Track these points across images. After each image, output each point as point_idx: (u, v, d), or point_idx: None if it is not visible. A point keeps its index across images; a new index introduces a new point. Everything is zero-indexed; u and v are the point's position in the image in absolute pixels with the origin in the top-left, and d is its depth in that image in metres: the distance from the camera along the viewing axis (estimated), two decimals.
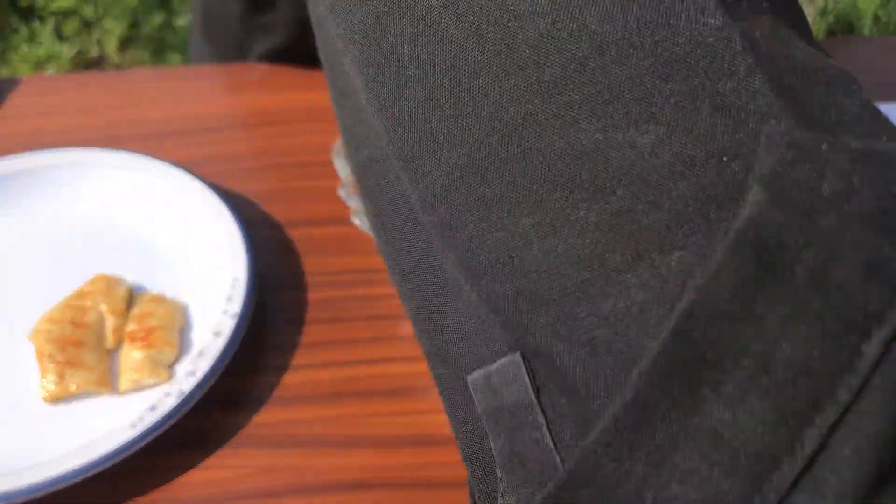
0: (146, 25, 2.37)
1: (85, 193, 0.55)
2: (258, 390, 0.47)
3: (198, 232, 0.53)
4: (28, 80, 0.67)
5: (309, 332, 0.50)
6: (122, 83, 0.67)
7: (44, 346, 0.46)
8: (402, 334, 0.50)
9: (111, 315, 0.48)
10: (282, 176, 0.59)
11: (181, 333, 0.48)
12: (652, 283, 0.17)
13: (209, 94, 0.66)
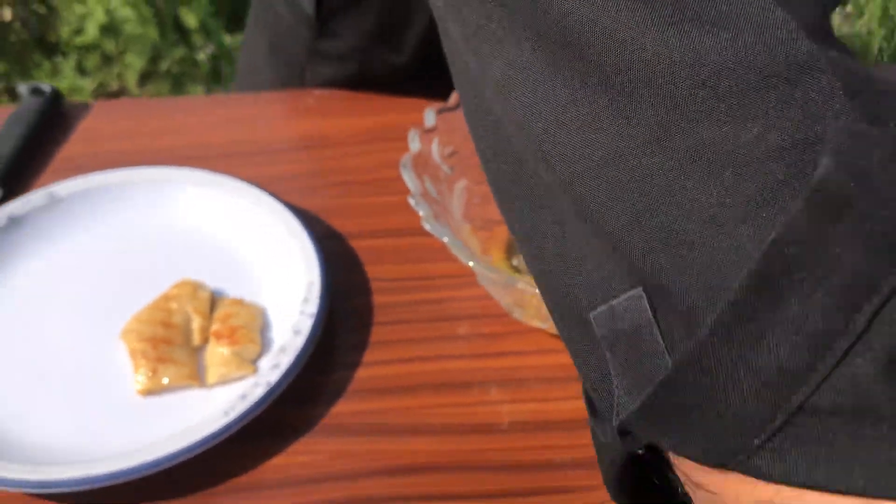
0: (166, 60, 2.44)
1: (167, 207, 0.60)
2: (332, 384, 0.51)
3: (271, 242, 0.57)
4: (99, 105, 0.72)
5: (375, 332, 0.54)
6: (185, 109, 0.72)
7: (136, 345, 0.51)
8: (460, 333, 0.54)
9: (197, 316, 0.53)
10: (341, 193, 0.64)
11: (261, 333, 0.53)
12: (752, 232, 0.22)
13: (269, 119, 0.71)
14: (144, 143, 0.68)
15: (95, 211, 0.60)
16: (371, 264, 0.58)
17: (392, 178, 0.65)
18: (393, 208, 0.62)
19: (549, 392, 0.51)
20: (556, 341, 0.54)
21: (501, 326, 0.55)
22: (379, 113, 0.71)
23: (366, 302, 0.56)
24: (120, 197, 0.60)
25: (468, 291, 0.57)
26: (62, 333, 0.53)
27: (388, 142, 0.68)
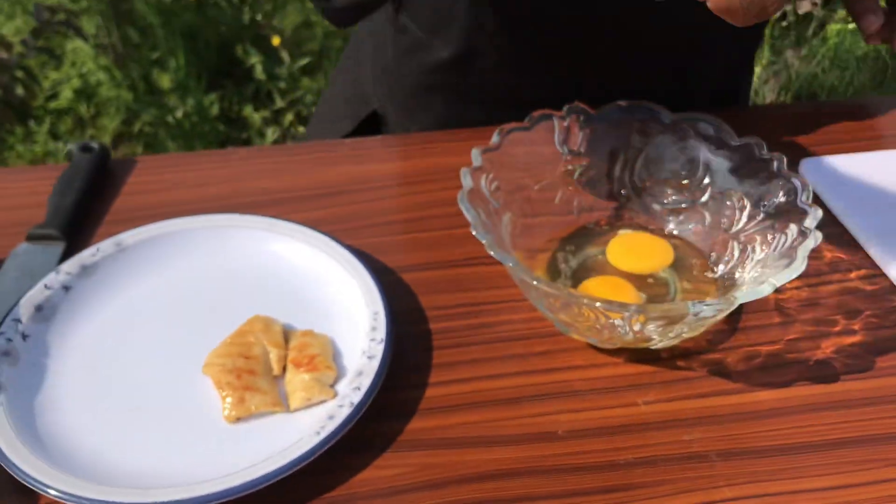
0: (140, 121, 2.47)
1: (228, 251, 0.64)
2: (404, 404, 0.55)
3: (331, 278, 0.62)
4: (143, 160, 0.76)
5: (436, 356, 0.59)
6: (225, 161, 0.77)
7: (221, 377, 0.55)
8: (515, 353, 0.59)
9: (273, 348, 0.57)
10: (386, 231, 0.69)
11: (333, 359, 0.57)
12: None
13: (307, 167, 0.75)
14: (192, 194, 0.72)
15: (161, 257, 0.64)
16: (424, 294, 0.63)
17: (433, 216, 0.70)
18: (438, 243, 0.67)
19: (601, 401, 0.56)
20: (604, 356, 0.58)
21: (552, 345, 0.59)
22: (408, 158, 0.77)
23: (424, 329, 0.60)
24: (183, 243, 0.64)
25: (517, 315, 0.61)
26: (147, 370, 0.57)
27: (422, 184, 0.74)
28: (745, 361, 0.58)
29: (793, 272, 0.51)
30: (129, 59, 2.57)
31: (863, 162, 0.75)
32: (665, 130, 0.65)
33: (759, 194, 0.61)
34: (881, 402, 0.56)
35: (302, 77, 2.52)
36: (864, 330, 0.60)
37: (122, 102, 2.53)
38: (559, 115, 0.64)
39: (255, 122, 2.44)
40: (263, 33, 2.66)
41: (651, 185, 0.66)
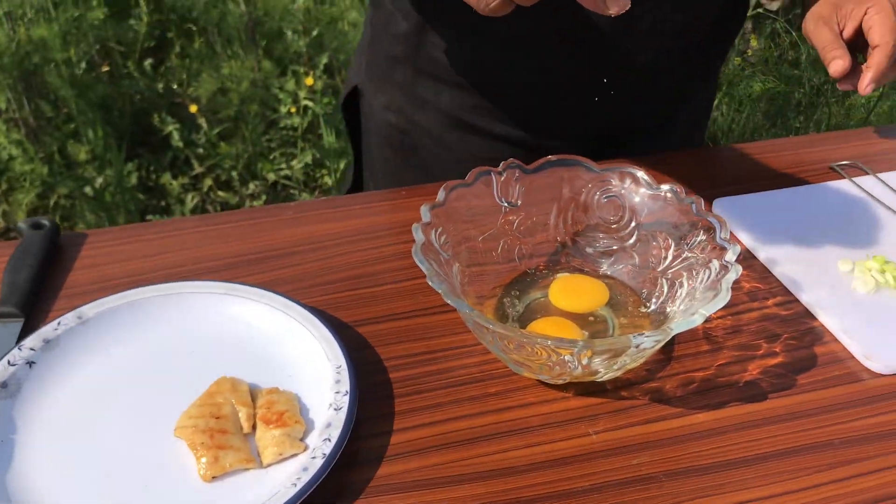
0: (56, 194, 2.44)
1: (189, 316, 0.66)
2: (373, 451, 0.58)
3: (292, 336, 0.64)
4: (93, 234, 0.77)
5: (399, 403, 0.62)
6: (174, 229, 0.79)
7: (194, 437, 0.56)
8: (470, 395, 0.63)
9: (242, 406, 0.59)
10: (339, 288, 0.72)
11: (300, 414, 0.59)
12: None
13: (256, 232, 0.78)
14: (145, 264, 0.74)
15: (123, 327, 0.65)
16: (382, 346, 0.66)
17: (382, 271, 0.74)
18: (390, 296, 0.71)
19: (555, 434, 0.60)
20: (554, 391, 0.63)
21: (505, 385, 0.63)
22: (352, 217, 0.80)
23: (385, 378, 0.64)
24: (144, 312, 0.66)
25: (471, 359, 0.65)
26: (118, 437, 0.58)
27: (368, 241, 0.77)
28: (682, 387, 0.63)
29: (719, 302, 0.57)
30: (43, 133, 2.54)
31: (767, 199, 0.83)
32: (592, 180, 0.71)
33: (682, 234, 0.67)
34: (804, 416, 0.61)
35: (220, 142, 2.54)
36: (784, 351, 0.67)
37: (37, 176, 2.49)
38: (497, 171, 0.69)
39: (174, 189, 2.43)
40: (179, 101, 2.67)
41: (583, 231, 0.72)
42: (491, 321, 0.56)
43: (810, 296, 0.71)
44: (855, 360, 0.66)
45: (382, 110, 0.97)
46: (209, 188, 2.47)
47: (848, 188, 0.85)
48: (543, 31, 0.80)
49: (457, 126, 0.92)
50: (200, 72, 2.70)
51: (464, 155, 0.93)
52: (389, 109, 0.96)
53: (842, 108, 2.49)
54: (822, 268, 0.74)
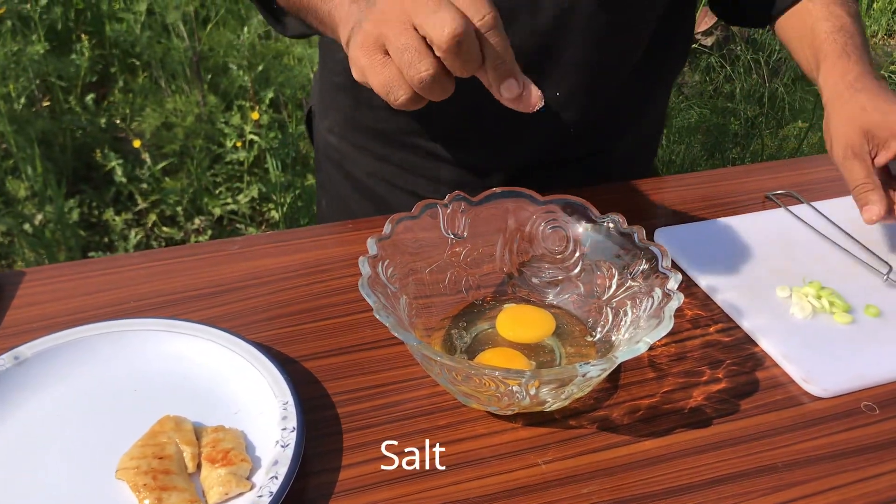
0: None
1: (131, 355, 0.65)
2: (321, 488, 0.57)
3: (236, 372, 0.63)
4: (31, 272, 0.76)
5: (347, 438, 0.61)
6: (115, 266, 0.77)
7: (137, 479, 0.55)
8: (419, 428, 0.62)
9: (186, 446, 0.58)
10: (285, 323, 0.71)
11: (246, 452, 0.58)
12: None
13: (200, 268, 0.77)
14: (85, 302, 0.72)
15: (62, 367, 0.64)
16: (329, 381, 0.66)
17: (329, 305, 0.73)
18: (337, 330, 0.70)
19: (505, 465, 0.60)
20: (503, 422, 0.63)
21: (454, 417, 0.63)
22: (298, 252, 0.80)
23: (332, 413, 0.63)
24: (83, 351, 0.65)
25: (419, 391, 0.65)
26: (58, 480, 0.56)
27: (313, 275, 0.77)
28: (628, 415, 0.64)
29: (662, 330, 0.58)
30: None
31: (707, 228, 0.85)
32: (537, 211, 0.72)
33: (625, 263, 0.68)
34: (748, 440, 0.62)
35: (164, 178, 2.51)
36: (727, 377, 0.68)
37: None
38: (443, 203, 0.69)
39: (117, 225, 2.39)
40: (122, 136, 2.64)
41: (529, 262, 0.73)
42: (439, 353, 0.56)
43: (751, 322, 0.73)
44: (795, 384, 0.67)
45: (327, 133, 0.99)
46: (153, 224, 2.43)
47: (783, 217, 0.88)
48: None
49: (393, 155, 0.94)
50: (144, 107, 2.67)
51: (397, 185, 0.96)
52: (332, 133, 0.98)
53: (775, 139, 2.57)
54: (761, 294, 0.76)
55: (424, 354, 0.57)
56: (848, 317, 0.73)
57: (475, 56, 0.51)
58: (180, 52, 2.70)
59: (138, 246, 2.35)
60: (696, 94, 2.77)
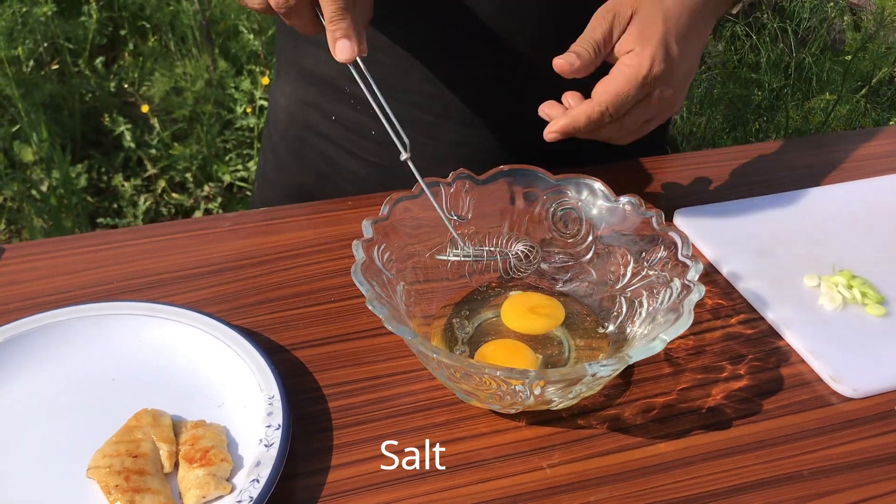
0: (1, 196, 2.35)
1: (111, 341, 0.61)
2: (308, 490, 0.53)
3: (221, 362, 0.59)
4: (11, 248, 0.71)
5: (338, 436, 0.57)
6: (103, 243, 0.73)
7: (108, 479, 0.51)
8: (416, 426, 0.58)
9: (163, 443, 0.54)
10: (276, 308, 0.67)
11: (228, 450, 0.54)
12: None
13: (189, 246, 0.73)
14: (66, 282, 0.68)
15: (36, 353, 0.60)
16: (321, 372, 0.61)
17: (324, 289, 0.69)
18: (331, 316, 0.66)
19: (507, 468, 0.55)
20: (506, 421, 0.58)
21: (453, 413, 0.59)
22: (293, 230, 0.75)
23: (323, 408, 0.59)
24: (59, 337, 0.60)
25: (417, 385, 0.61)
26: (25, 477, 0.52)
27: (309, 255, 0.72)
28: (642, 415, 0.59)
29: (681, 327, 0.53)
30: None
31: (731, 209, 0.79)
32: (547, 191, 0.67)
33: (641, 249, 0.63)
34: (771, 445, 0.58)
35: (173, 143, 2.46)
36: (749, 374, 0.63)
37: None
38: (446, 182, 0.64)
39: (126, 191, 2.35)
40: (131, 101, 2.59)
41: None
42: (436, 349, 0.51)
43: (775, 313, 0.67)
44: (822, 383, 0.62)
45: (281, 95, 0.92)
46: (163, 190, 2.39)
47: (815, 197, 0.82)
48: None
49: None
50: (154, 70, 2.62)
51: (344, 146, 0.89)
52: (283, 94, 0.91)
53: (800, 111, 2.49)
54: (788, 283, 0.70)
55: (421, 350, 0.52)
56: (881, 309, 0.67)
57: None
58: (190, 15, 2.64)
59: (147, 212, 2.31)
60: (720, 63, 2.68)
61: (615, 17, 0.64)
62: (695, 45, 0.66)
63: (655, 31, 0.63)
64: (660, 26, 0.63)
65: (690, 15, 0.65)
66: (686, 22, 0.65)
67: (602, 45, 0.64)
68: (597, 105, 0.62)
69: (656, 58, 0.62)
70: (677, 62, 0.64)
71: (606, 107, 0.62)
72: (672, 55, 0.63)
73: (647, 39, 0.63)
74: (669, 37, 0.63)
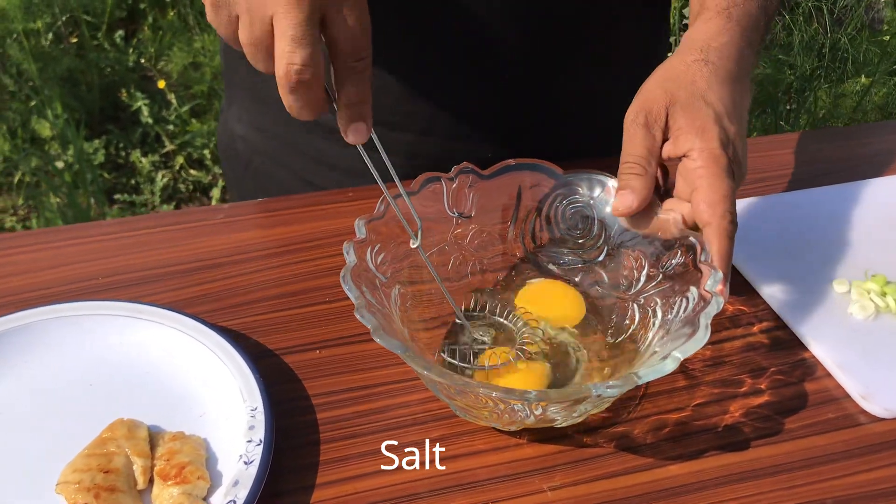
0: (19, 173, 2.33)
1: (87, 344, 0.58)
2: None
3: (204, 368, 0.56)
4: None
5: (325, 450, 0.53)
6: (90, 235, 0.70)
7: (77, 497, 0.48)
8: (409, 440, 0.54)
9: (137, 458, 0.50)
10: (266, 308, 0.63)
11: (207, 465, 0.51)
12: None
13: (178, 240, 0.69)
14: (47, 277, 0.65)
15: (7, 356, 0.56)
16: (310, 379, 0.58)
17: (317, 288, 0.65)
18: (324, 318, 0.62)
19: (505, 490, 0.52)
20: (506, 437, 0.54)
21: (450, 428, 0.55)
22: (289, 223, 0.71)
23: (310, 419, 0.55)
24: (33, 339, 0.57)
25: (412, 396, 0.57)
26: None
27: (304, 252, 0.69)
28: (653, 433, 0.55)
29: (696, 344, 0.48)
30: (5, 108, 2.43)
31: (755, 206, 0.74)
32: (557, 187, 0.62)
33: (657, 252, 0.59)
34: (792, 469, 0.53)
35: (191, 119, 2.43)
36: (771, 389, 0.58)
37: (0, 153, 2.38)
38: (448, 177, 0.60)
39: (144, 167, 2.33)
40: (150, 75, 2.57)
41: (546, 246, 0.63)
42: (426, 365, 0.47)
43: (801, 321, 0.63)
44: (850, 401, 0.58)
45: (237, 123, 0.86)
46: (180, 167, 2.37)
47: (847, 194, 0.76)
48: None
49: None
50: (172, 44, 2.59)
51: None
52: (240, 121, 0.85)
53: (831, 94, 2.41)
54: (815, 288, 0.66)
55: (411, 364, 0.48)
56: None
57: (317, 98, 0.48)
58: None
59: (165, 189, 2.29)
60: None
61: (647, 118, 0.58)
62: (743, 113, 0.60)
63: (706, 116, 0.57)
64: (706, 110, 0.57)
65: (730, 85, 0.59)
66: (729, 95, 0.58)
67: (648, 155, 0.57)
68: (721, 220, 0.54)
69: (724, 142, 0.56)
70: (737, 139, 0.57)
71: (730, 214, 0.55)
72: (731, 134, 0.57)
73: (704, 130, 0.56)
74: (722, 118, 0.57)
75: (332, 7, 0.46)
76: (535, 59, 0.74)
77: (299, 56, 0.45)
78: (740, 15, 0.62)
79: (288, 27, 0.44)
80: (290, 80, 0.46)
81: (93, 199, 2.21)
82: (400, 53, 0.72)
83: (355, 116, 0.49)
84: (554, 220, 0.63)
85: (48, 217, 2.13)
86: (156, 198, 2.27)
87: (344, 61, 0.47)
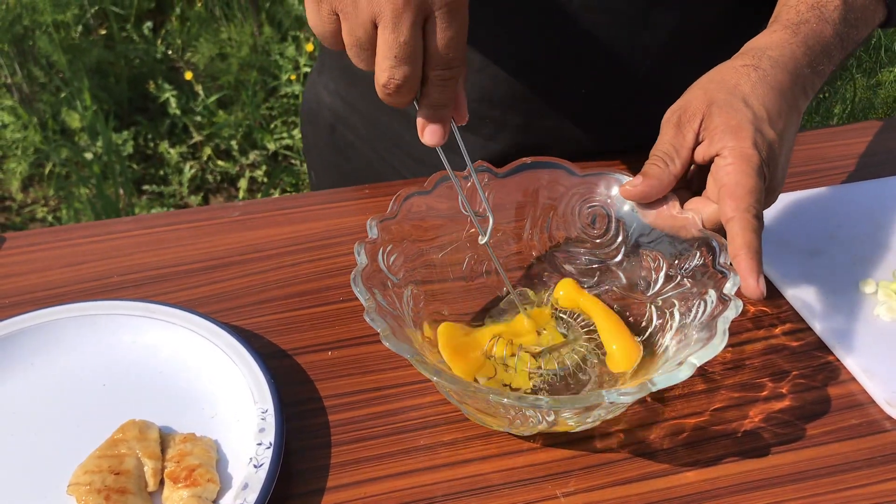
0: (49, 164, 2.36)
1: (101, 344, 0.58)
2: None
3: (216, 369, 0.55)
4: (13, 237, 0.69)
5: (336, 453, 0.53)
6: (106, 233, 0.70)
7: (87, 498, 0.48)
8: (421, 444, 0.53)
9: (148, 459, 0.50)
10: (279, 307, 0.63)
11: (218, 468, 0.50)
12: None
13: (193, 237, 0.69)
14: (63, 275, 0.65)
15: (21, 356, 0.57)
16: (322, 381, 0.57)
17: (332, 287, 0.64)
18: (338, 318, 0.62)
19: (518, 496, 0.51)
20: (520, 441, 0.54)
21: (462, 431, 0.54)
22: (305, 221, 0.71)
23: (322, 422, 0.55)
24: (46, 338, 0.57)
25: (424, 398, 0.56)
26: (4, 491, 0.49)
27: (320, 249, 0.68)
28: (669, 438, 0.54)
29: (713, 349, 0.47)
30: (36, 99, 2.45)
31: (780, 203, 0.72)
32: (574, 186, 0.61)
33: (676, 253, 0.57)
34: (815, 476, 0.52)
35: (218, 110, 2.44)
36: (793, 393, 0.57)
37: (31, 144, 2.41)
38: (462, 176, 0.59)
39: (173, 158, 2.34)
40: (178, 66, 2.58)
41: (562, 246, 0.62)
42: (434, 369, 0.46)
43: (825, 324, 0.61)
44: (875, 407, 0.56)
45: (325, 91, 0.87)
46: (208, 157, 2.38)
47: (876, 191, 0.74)
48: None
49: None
50: (199, 35, 2.59)
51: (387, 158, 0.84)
52: (328, 90, 0.86)
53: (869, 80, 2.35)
54: (841, 289, 0.64)
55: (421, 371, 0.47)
56: None
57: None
58: None
59: (192, 180, 2.30)
60: None
61: (681, 117, 0.57)
62: (790, 127, 0.57)
63: (742, 117, 0.55)
64: (745, 111, 0.55)
65: (778, 94, 0.57)
66: (774, 102, 0.56)
67: (672, 151, 0.56)
68: (745, 213, 0.52)
69: (758, 143, 0.54)
70: (777, 147, 0.55)
71: (754, 209, 0.53)
72: (769, 138, 0.55)
73: (739, 130, 0.54)
74: (761, 122, 0.55)
75: (435, 13, 0.46)
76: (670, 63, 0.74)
77: (401, 73, 0.46)
78: (808, 33, 0.60)
79: (393, 44, 0.45)
80: (388, 90, 0.47)
81: (121, 190, 2.23)
82: (519, 52, 0.73)
83: (434, 118, 0.50)
84: (571, 219, 0.62)
85: (77, 208, 2.15)
86: (184, 188, 2.29)
87: (435, 67, 0.48)
